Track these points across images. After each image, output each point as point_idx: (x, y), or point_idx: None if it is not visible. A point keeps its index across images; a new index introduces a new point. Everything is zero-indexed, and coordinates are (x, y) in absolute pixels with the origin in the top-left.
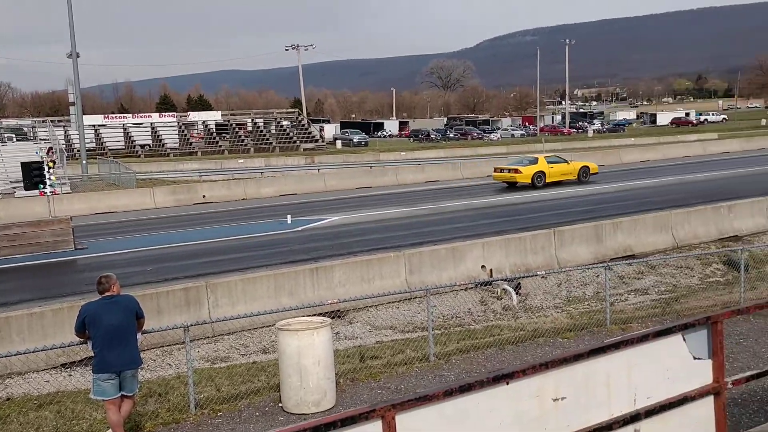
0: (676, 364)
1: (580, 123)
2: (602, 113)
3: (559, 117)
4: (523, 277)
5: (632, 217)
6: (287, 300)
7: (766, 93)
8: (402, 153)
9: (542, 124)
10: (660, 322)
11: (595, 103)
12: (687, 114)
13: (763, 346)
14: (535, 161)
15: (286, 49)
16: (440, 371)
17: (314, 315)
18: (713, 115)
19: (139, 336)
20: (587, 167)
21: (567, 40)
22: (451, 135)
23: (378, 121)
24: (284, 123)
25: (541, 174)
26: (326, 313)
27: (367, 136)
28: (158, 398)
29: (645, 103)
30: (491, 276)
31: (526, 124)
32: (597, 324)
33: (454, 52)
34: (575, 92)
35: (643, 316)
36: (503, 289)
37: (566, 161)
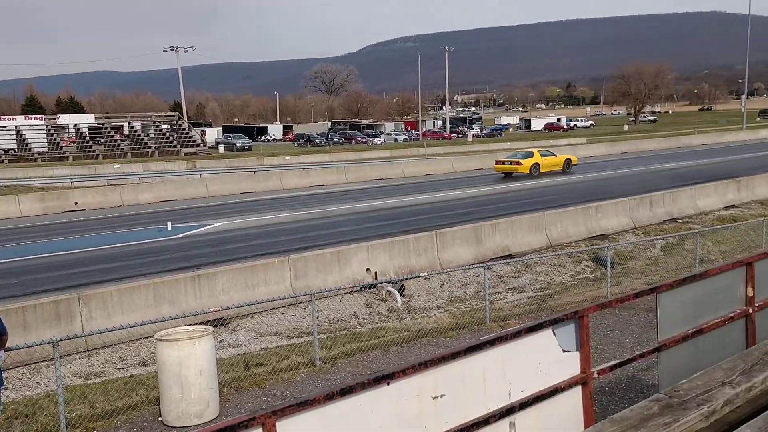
0: (548, 358)
1: (460, 128)
2: (481, 118)
3: (440, 122)
4: (407, 279)
5: (509, 218)
6: (168, 309)
7: (628, 101)
8: (286, 157)
9: (424, 129)
10: (535, 318)
11: (474, 108)
12: (558, 120)
13: (627, 337)
14: (531, 155)
15: (165, 51)
16: (326, 375)
17: (196, 324)
18: (582, 121)
19: (1, 354)
20: (570, 159)
21: (447, 48)
22: (336, 139)
23: (262, 125)
24: (164, 127)
25: (536, 165)
26: (209, 321)
27: (250, 141)
28: (24, 419)
29: (520, 108)
30: (376, 278)
31: (409, 128)
32: (478, 322)
33: (338, 57)
34: (455, 98)
35: (520, 313)
36: (388, 291)
37: (554, 154)
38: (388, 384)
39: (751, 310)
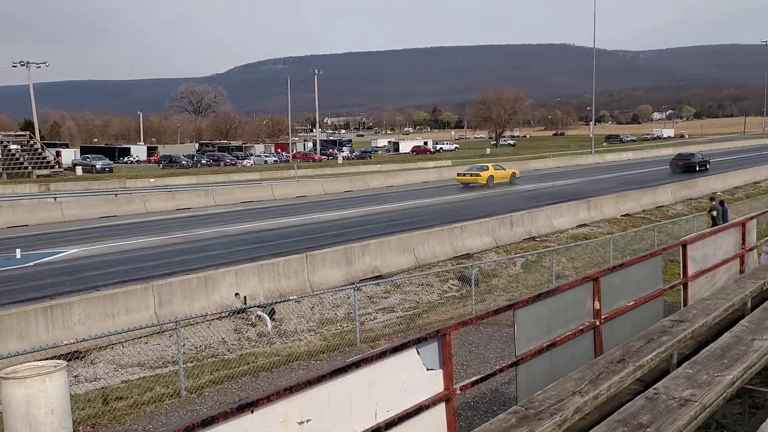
0: (412, 377)
1: (331, 150)
2: (350, 141)
3: (310, 144)
4: (278, 303)
5: (378, 239)
6: (16, 344)
7: (490, 125)
8: (151, 180)
9: (294, 151)
10: (405, 337)
11: (344, 131)
12: (425, 143)
13: (491, 352)
14: (486, 168)
15: (14, 66)
16: (192, 406)
17: (47, 359)
18: (447, 144)
19: None
20: (514, 173)
21: (316, 70)
22: (204, 161)
23: (124, 146)
24: (12, 147)
25: (491, 177)
26: (63, 355)
27: (111, 162)
28: None
29: (389, 132)
30: (245, 303)
31: (279, 150)
32: (348, 344)
33: (206, 77)
34: (325, 120)
35: (390, 333)
36: (257, 315)
37: (504, 168)
38: (252, 412)
39: (598, 323)
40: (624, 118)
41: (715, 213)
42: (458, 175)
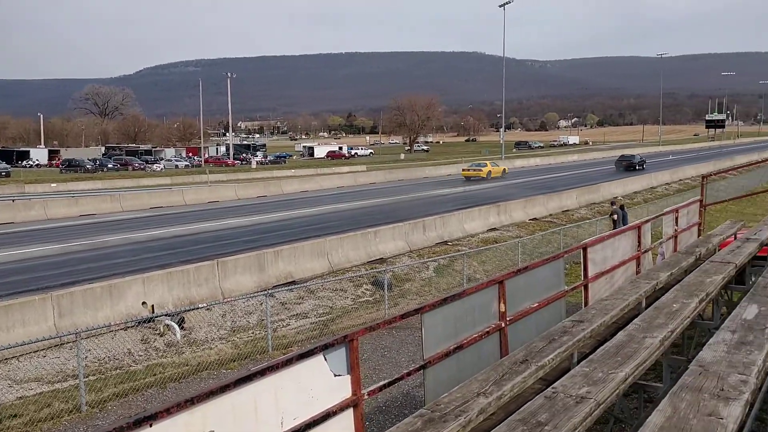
0: (320, 383)
1: (244, 154)
2: (264, 145)
3: (223, 148)
4: (188, 311)
5: (292, 245)
6: None
7: (404, 131)
8: (52, 184)
9: (207, 155)
10: (311, 344)
11: (258, 135)
12: (340, 148)
13: (403, 356)
14: (485, 165)
15: None
16: (93, 421)
17: None
18: (362, 149)
19: None
20: (505, 169)
21: (229, 74)
22: (110, 165)
23: (23, 149)
24: None
25: (489, 172)
26: None
27: (8, 166)
28: None
29: (304, 136)
30: (153, 312)
31: (191, 154)
32: (261, 351)
33: (113, 78)
34: (239, 124)
35: (303, 339)
36: (166, 324)
37: (498, 166)
38: (150, 425)
39: (503, 324)
40: (532, 125)
41: (615, 217)
42: (463, 170)
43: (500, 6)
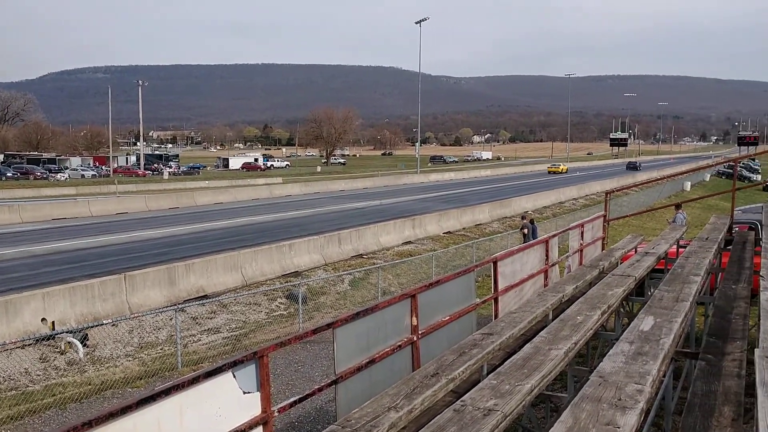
0: (228, 401)
1: (156, 165)
2: (177, 155)
3: (133, 158)
4: (91, 327)
5: (204, 258)
6: None
7: (320, 143)
8: None
9: (116, 165)
10: (220, 361)
11: (170, 145)
12: (256, 159)
13: (317, 371)
14: (560, 164)
15: None
16: None
17: None
18: (278, 161)
19: None
20: (567, 169)
21: (140, 81)
22: (9, 174)
23: None
24: None
25: (562, 171)
26: None
27: None
28: None
29: (218, 147)
30: (54, 329)
31: (98, 164)
32: (170, 368)
33: (13, 83)
34: (150, 134)
35: (215, 355)
36: (68, 342)
37: (564, 165)
38: None
39: (416, 338)
40: (447, 140)
41: (525, 230)
42: (548, 168)
43: (416, 23)
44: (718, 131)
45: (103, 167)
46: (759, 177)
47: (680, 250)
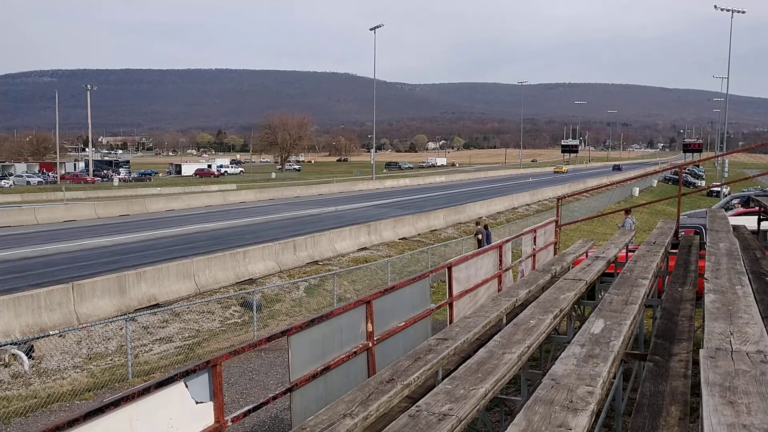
0: (180, 412)
1: (105, 171)
2: (128, 162)
3: (82, 164)
4: (37, 339)
5: (156, 266)
6: None
7: (275, 150)
8: None
9: (63, 171)
10: (171, 371)
11: (121, 151)
12: (209, 166)
13: (272, 379)
14: (562, 166)
15: None
16: None
17: None
18: (232, 167)
19: None
20: (567, 170)
21: (89, 86)
22: None
23: None
24: None
25: (565, 171)
26: None
27: None
28: None
29: (170, 153)
30: None
31: (45, 170)
32: (120, 379)
33: None
34: (100, 139)
35: (167, 365)
36: (12, 354)
37: (566, 167)
38: None
39: (371, 344)
40: (402, 146)
41: (480, 236)
42: (554, 168)
43: (371, 29)
44: (665, 138)
45: (50, 174)
46: (703, 183)
47: (629, 254)
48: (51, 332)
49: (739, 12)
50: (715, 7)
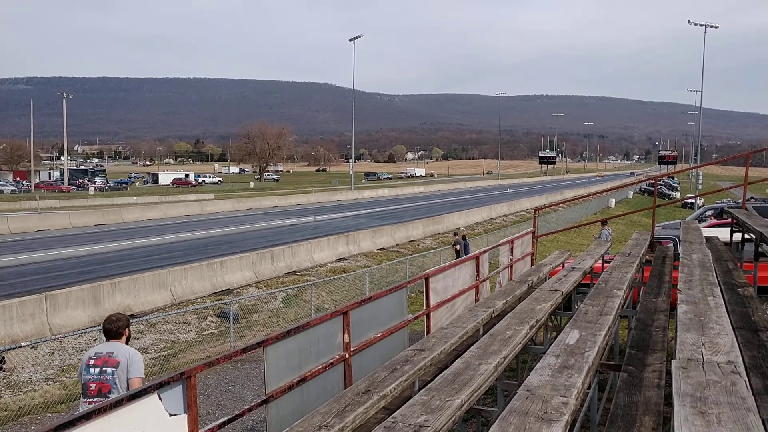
0: (154, 425)
1: (81, 180)
2: (104, 171)
3: (57, 173)
4: (8, 350)
5: (131, 276)
6: None
7: (254, 159)
8: None
9: (38, 180)
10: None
11: (97, 160)
12: (187, 175)
13: (248, 390)
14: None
15: None
16: None
17: None
18: (210, 177)
19: None
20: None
21: (65, 94)
22: None
23: None
24: None
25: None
26: None
27: None
28: None
29: (148, 162)
30: None
31: (18, 179)
32: None
33: None
34: (76, 148)
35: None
36: None
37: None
38: None
39: (347, 355)
40: (381, 157)
41: (458, 246)
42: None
43: (350, 40)
44: (640, 150)
45: (24, 182)
46: (678, 194)
47: (605, 265)
48: (23, 343)
49: (711, 27)
50: (689, 21)
